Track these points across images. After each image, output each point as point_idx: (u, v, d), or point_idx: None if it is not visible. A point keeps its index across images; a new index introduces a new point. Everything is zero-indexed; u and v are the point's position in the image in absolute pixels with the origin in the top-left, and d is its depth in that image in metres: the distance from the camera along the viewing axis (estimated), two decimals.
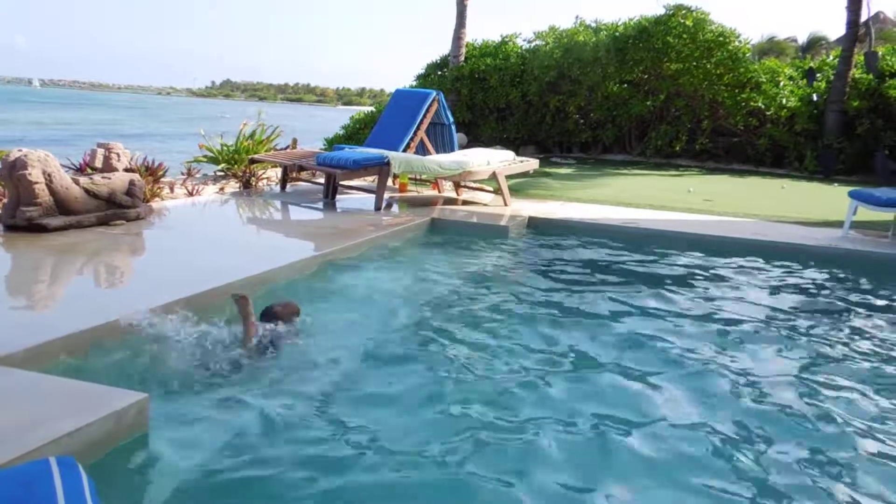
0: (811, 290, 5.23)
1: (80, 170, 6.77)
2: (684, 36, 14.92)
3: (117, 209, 5.46)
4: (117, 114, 47.74)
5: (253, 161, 8.01)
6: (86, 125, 31.72)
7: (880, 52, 14.19)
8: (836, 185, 11.93)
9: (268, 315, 3.49)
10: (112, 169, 6.59)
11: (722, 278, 5.42)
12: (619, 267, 5.60)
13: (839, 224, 7.02)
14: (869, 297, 5.09)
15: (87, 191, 5.26)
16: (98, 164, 6.76)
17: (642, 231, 6.74)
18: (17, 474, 1.47)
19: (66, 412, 2.27)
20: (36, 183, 4.91)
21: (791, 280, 5.50)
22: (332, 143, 13.85)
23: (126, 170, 6.55)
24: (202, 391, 2.86)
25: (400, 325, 3.93)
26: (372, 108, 17.42)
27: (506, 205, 7.74)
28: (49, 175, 5.03)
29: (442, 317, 4.12)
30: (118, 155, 6.89)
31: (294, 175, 8.22)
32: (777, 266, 5.82)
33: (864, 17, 14.40)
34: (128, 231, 5.24)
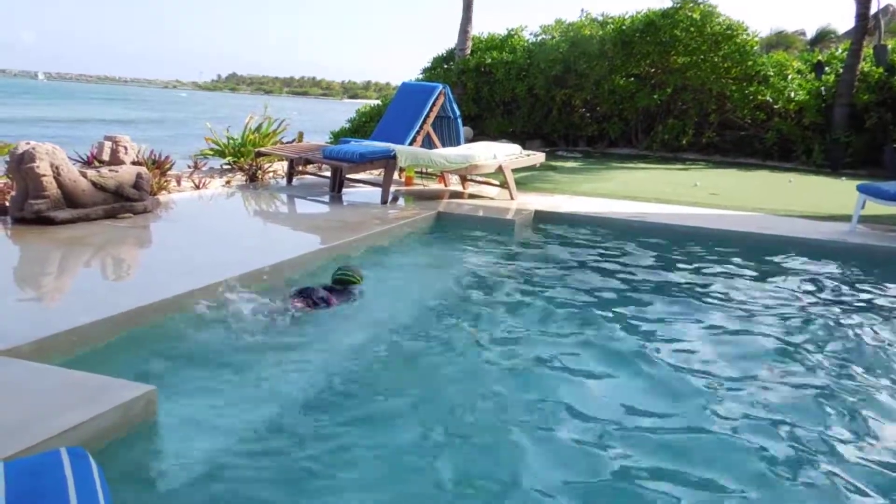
0: (819, 285, 5.21)
1: (87, 163, 6.79)
2: (691, 29, 14.85)
3: (124, 202, 5.48)
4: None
5: (259, 154, 8.02)
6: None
7: (889, 46, 14.08)
8: (843, 179, 11.87)
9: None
10: (119, 162, 6.60)
11: (728, 272, 5.41)
12: (626, 260, 5.59)
13: (847, 218, 6.98)
14: (877, 291, 5.06)
15: (94, 184, 5.28)
16: (105, 157, 6.78)
17: (648, 225, 6.72)
18: (29, 465, 1.48)
19: (74, 404, 2.29)
20: (44, 176, 4.93)
21: (798, 274, 5.48)
22: (338, 137, 13.85)
23: (133, 163, 6.56)
24: (212, 381, 2.87)
25: (406, 318, 3.94)
26: (378, 102, 17.41)
27: (512, 198, 7.73)
28: (57, 168, 5.04)
29: (447, 311, 4.13)
30: (125, 148, 6.90)
31: (300, 168, 8.22)
32: (784, 260, 5.80)
33: (873, 10, 14.29)
34: (135, 224, 5.25)
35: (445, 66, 17.37)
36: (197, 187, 7.19)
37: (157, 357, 3.03)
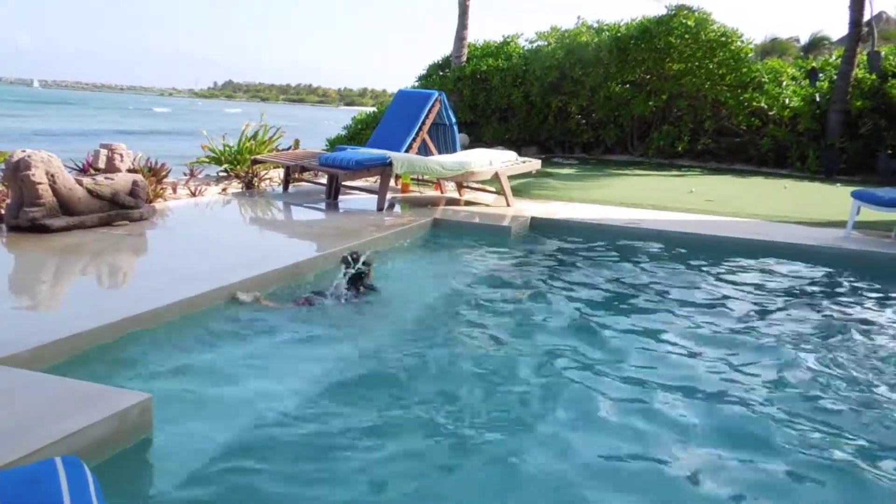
0: (813, 291, 5.23)
1: (83, 170, 6.78)
2: (686, 36, 14.92)
3: (120, 210, 5.47)
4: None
5: (255, 162, 8.02)
6: None
7: (883, 52, 14.17)
8: (838, 185, 11.92)
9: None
10: (115, 169, 6.60)
11: (724, 279, 5.42)
12: (621, 267, 5.60)
13: (842, 224, 7.01)
14: (871, 297, 5.08)
15: (90, 191, 5.27)
16: (101, 164, 6.78)
17: (644, 231, 6.73)
18: (24, 474, 1.48)
19: (70, 412, 2.28)
20: (39, 184, 4.92)
21: (793, 280, 5.49)
22: (335, 144, 13.87)
23: (129, 170, 6.57)
24: (208, 388, 2.86)
25: (403, 325, 3.94)
26: (374, 109, 17.44)
27: (508, 205, 7.75)
28: (52, 176, 5.04)
29: (444, 318, 4.13)
30: (121, 156, 6.91)
31: (296, 176, 8.23)
32: (779, 266, 5.82)
33: (866, 17, 14.39)
34: (131, 232, 5.25)
35: (441, 73, 17.41)
36: (193, 195, 7.19)
37: (153, 365, 3.03)
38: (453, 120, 8.91)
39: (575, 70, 15.66)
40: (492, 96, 16.37)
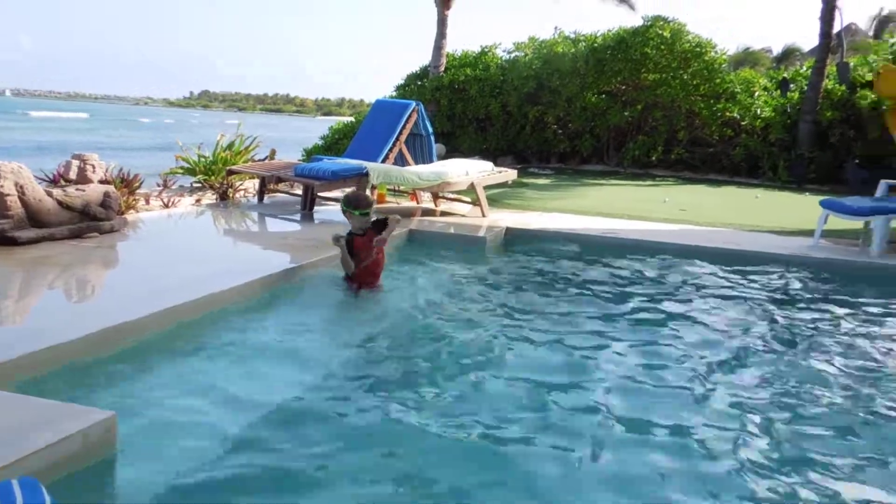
0: (782, 298, 5.30)
1: (53, 181, 6.69)
2: (662, 47, 15.15)
3: (91, 221, 5.40)
4: None
5: (230, 172, 7.97)
6: None
7: (851, 63, 14.48)
8: (808, 194, 12.13)
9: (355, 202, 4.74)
10: (87, 181, 6.52)
11: (696, 287, 5.48)
12: (596, 277, 5.64)
13: (811, 233, 7.13)
14: (838, 304, 5.16)
15: (60, 203, 5.21)
16: (72, 175, 6.69)
17: (619, 241, 6.80)
18: None
19: (30, 431, 2.23)
20: (7, 195, 4.85)
21: (762, 288, 5.57)
22: (311, 154, 13.83)
23: (101, 181, 6.48)
24: (174, 406, 2.83)
25: (376, 336, 3.93)
26: (351, 119, 17.43)
27: (484, 216, 7.77)
28: (21, 187, 4.97)
29: (418, 329, 4.12)
30: (93, 167, 6.82)
31: (272, 186, 8.19)
32: (749, 274, 5.89)
33: (836, 29, 14.69)
34: (101, 244, 5.18)
35: (419, 83, 17.47)
36: (166, 206, 7.12)
37: (119, 381, 2.98)
38: (430, 130, 8.94)
39: (552, 80, 15.81)
40: (469, 106, 16.46)
